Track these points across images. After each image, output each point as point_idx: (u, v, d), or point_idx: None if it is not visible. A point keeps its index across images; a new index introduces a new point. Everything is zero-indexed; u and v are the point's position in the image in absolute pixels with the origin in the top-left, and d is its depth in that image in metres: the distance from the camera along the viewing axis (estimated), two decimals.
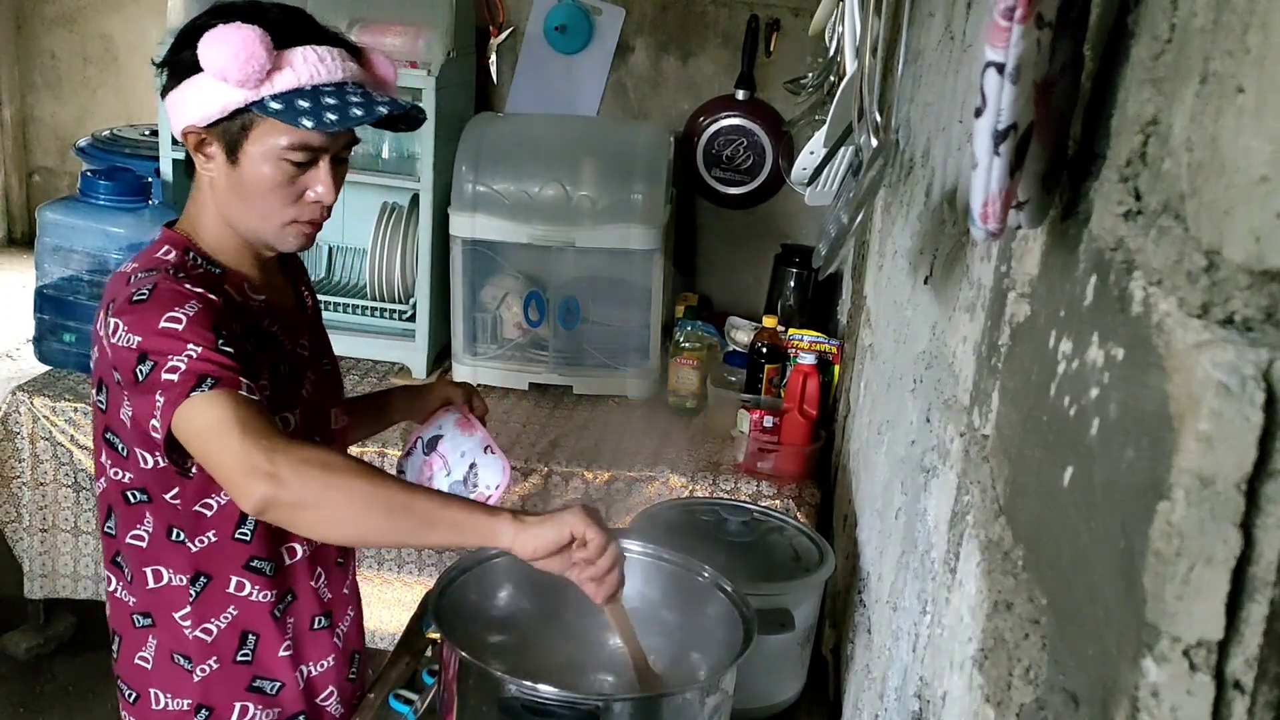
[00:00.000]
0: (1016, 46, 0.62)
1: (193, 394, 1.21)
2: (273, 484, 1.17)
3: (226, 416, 1.20)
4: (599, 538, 1.23)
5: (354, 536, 1.32)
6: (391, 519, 1.21)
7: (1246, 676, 0.48)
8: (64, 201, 2.95)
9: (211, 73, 1.29)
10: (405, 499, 1.21)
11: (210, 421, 1.21)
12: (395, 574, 2.70)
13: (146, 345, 1.25)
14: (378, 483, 1.21)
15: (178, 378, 1.22)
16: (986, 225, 0.68)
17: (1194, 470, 0.47)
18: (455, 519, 1.22)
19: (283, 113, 1.30)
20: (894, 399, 1.60)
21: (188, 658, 1.44)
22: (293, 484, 1.18)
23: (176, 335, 1.25)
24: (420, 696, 1.62)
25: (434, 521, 1.22)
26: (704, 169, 3.34)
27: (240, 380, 1.24)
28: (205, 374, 1.22)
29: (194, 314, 1.27)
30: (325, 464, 1.20)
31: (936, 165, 1.44)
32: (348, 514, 1.21)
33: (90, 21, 5.85)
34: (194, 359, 1.23)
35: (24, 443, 2.71)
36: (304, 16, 1.37)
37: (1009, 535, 0.78)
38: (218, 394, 1.21)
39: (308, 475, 1.18)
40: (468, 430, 1.71)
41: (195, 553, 1.40)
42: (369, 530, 1.26)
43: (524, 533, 1.21)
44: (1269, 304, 0.47)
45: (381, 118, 1.36)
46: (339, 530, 1.26)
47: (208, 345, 1.25)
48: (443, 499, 1.26)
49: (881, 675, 1.37)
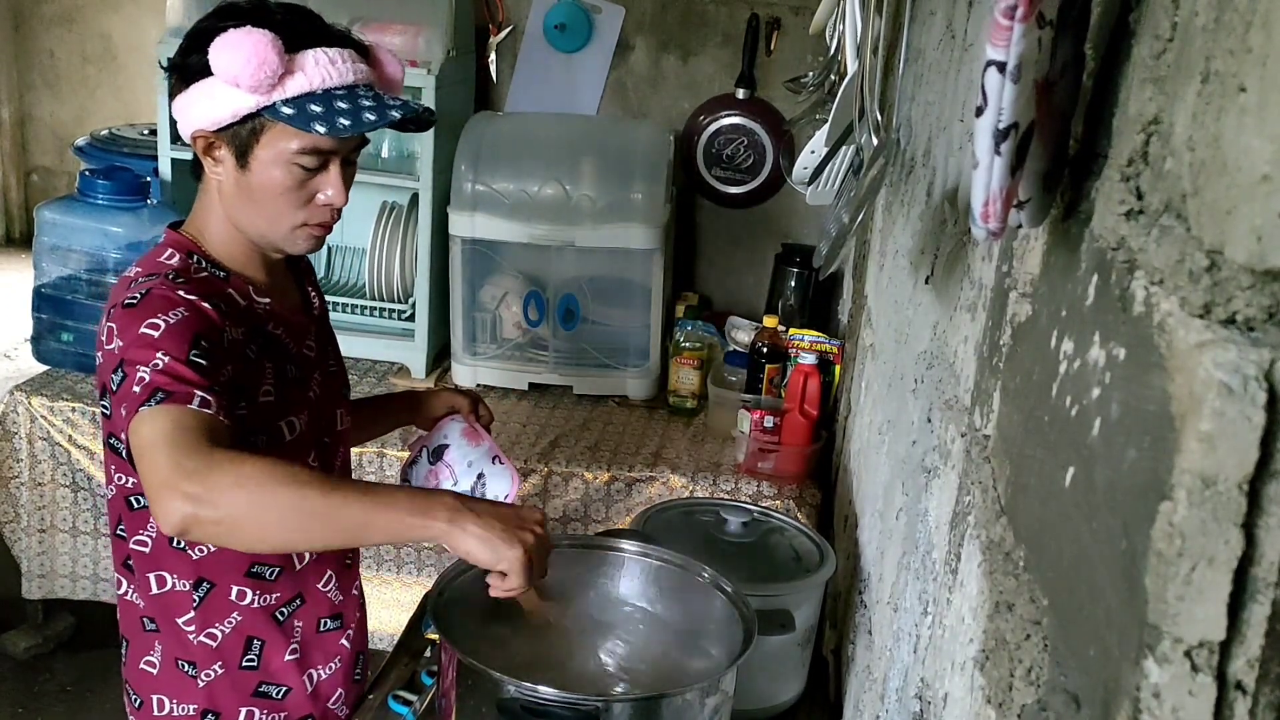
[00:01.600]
0: (1018, 45, 0.62)
1: (141, 408, 1.19)
2: (191, 503, 1.13)
3: (161, 432, 1.17)
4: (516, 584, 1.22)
5: (282, 546, 1.30)
6: (321, 528, 1.18)
7: (1248, 677, 0.47)
8: (62, 201, 2.95)
9: (223, 78, 1.28)
10: (333, 506, 1.16)
11: (147, 437, 1.18)
12: (394, 574, 2.70)
13: (123, 353, 1.24)
14: (304, 491, 1.15)
15: (140, 389, 1.20)
16: (988, 225, 0.68)
17: (1196, 470, 0.47)
18: (387, 522, 1.18)
19: (295, 118, 1.29)
20: (895, 399, 1.60)
21: (192, 663, 1.43)
22: (213, 502, 1.13)
23: (150, 343, 1.23)
24: (419, 697, 1.62)
25: (366, 526, 1.19)
26: (704, 168, 3.34)
27: (194, 394, 1.20)
28: (159, 387, 1.20)
29: (175, 321, 1.25)
30: (247, 476, 1.15)
31: (937, 164, 1.44)
32: (273, 529, 1.17)
33: (89, 21, 5.85)
34: (157, 370, 1.21)
35: (22, 442, 2.70)
36: (312, 16, 1.36)
37: (1010, 536, 0.78)
38: (163, 409, 1.18)
39: (228, 491, 1.14)
40: (474, 440, 1.70)
41: (197, 560, 1.40)
42: (298, 541, 1.24)
43: (458, 539, 1.19)
44: (1271, 304, 0.47)
45: (396, 120, 1.35)
46: (266, 544, 1.24)
47: (176, 356, 1.22)
48: (374, 499, 1.20)
49: (882, 676, 1.37)
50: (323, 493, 1.16)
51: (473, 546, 1.19)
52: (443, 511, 1.19)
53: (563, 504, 2.58)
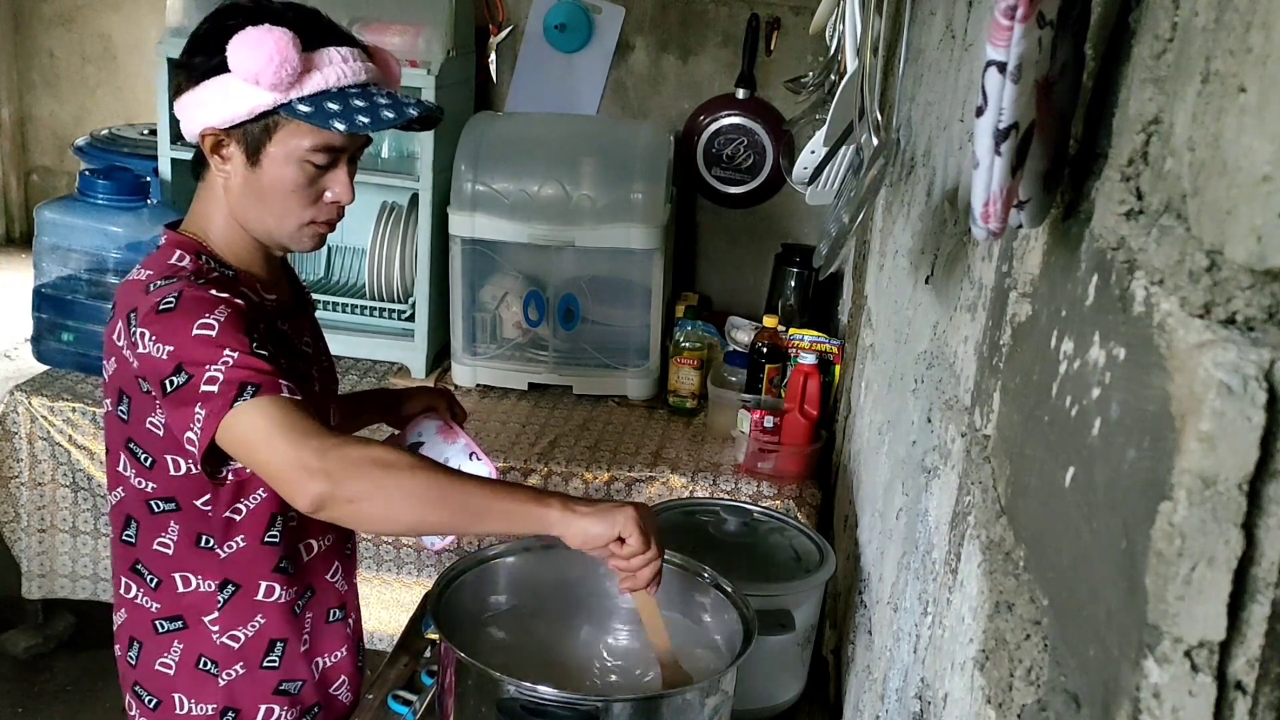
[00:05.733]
0: (1018, 45, 0.62)
1: (235, 404, 1.22)
2: (327, 482, 1.20)
3: (273, 422, 1.22)
4: (638, 543, 1.26)
5: (407, 528, 1.35)
6: (444, 511, 1.24)
7: (1248, 677, 0.47)
8: (62, 201, 2.95)
9: (242, 75, 1.28)
10: (456, 491, 1.24)
11: (258, 428, 1.22)
12: (394, 574, 2.70)
13: (181, 355, 1.25)
14: (429, 476, 1.24)
15: (218, 388, 1.23)
16: (988, 225, 0.68)
17: (1196, 470, 0.47)
18: (506, 509, 1.25)
19: (313, 115, 1.30)
20: (895, 399, 1.60)
21: (214, 662, 1.44)
22: (346, 481, 1.20)
23: (211, 343, 1.25)
24: (419, 697, 1.62)
25: (484, 512, 1.25)
26: (704, 168, 3.34)
27: (280, 383, 1.25)
28: (246, 381, 1.23)
29: (224, 319, 1.27)
30: (375, 459, 1.22)
31: (937, 164, 1.44)
32: (402, 508, 1.23)
33: (89, 21, 5.85)
34: (231, 366, 1.24)
35: (22, 442, 2.70)
36: (320, 16, 1.36)
37: (1010, 536, 0.78)
38: (260, 401, 1.23)
39: (360, 471, 1.21)
40: (450, 438, 1.71)
41: (224, 559, 1.40)
42: (421, 522, 1.29)
43: (574, 524, 1.25)
44: (1271, 304, 0.47)
45: (411, 119, 1.36)
46: (393, 524, 1.33)
47: (243, 350, 1.25)
48: (492, 489, 1.28)
49: (882, 676, 1.37)
50: (449, 478, 1.26)
51: (587, 524, 1.25)
52: (556, 501, 1.26)
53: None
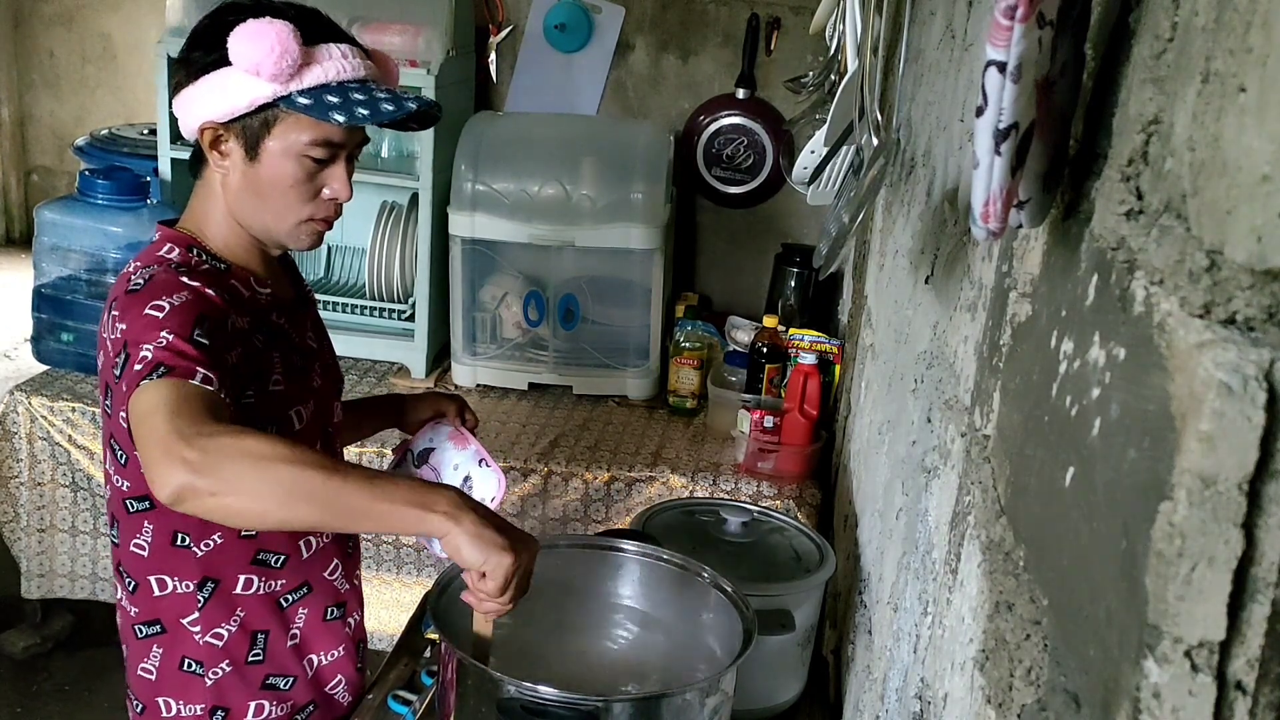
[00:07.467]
0: (1018, 45, 0.62)
1: (143, 382, 1.18)
2: (189, 471, 1.11)
3: (161, 401, 1.15)
4: (494, 589, 1.18)
5: (276, 525, 1.25)
6: (316, 509, 1.15)
7: (1248, 677, 0.47)
8: (62, 201, 2.95)
9: (243, 67, 1.29)
10: (333, 488, 1.14)
11: (146, 405, 1.16)
12: (394, 574, 2.70)
13: (127, 334, 1.24)
14: (303, 471, 1.13)
15: (141, 366, 1.20)
16: (988, 225, 0.68)
17: (1196, 470, 0.47)
18: (384, 511, 1.16)
19: (312, 108, 1.30)
20: (895, 399, 1.60)
21: (199, 662, 1.43)
22: (210, 471, 1.11)
23: (154, 324, 1.23)
24: (419, 697, 1.62)
25: (361, 513, 1.16)
26: (704, 168, 3.34)
27: (196, 370, 1.19)
28: (161, 362, 1.19)
29: (179, 304, 1.26)
30: (246, 450, 1.13)
31: (937, 164, 1.44)
32: (269, 504, 1.14)
33: (89, 20, 5.86)
34: (160, 348, 1.20)
35: (21, 442, 2.70)
36: (320, 15, 1.38)
37: (1010, 536, 0.78)
38: (164, 381, 1.17)
39: (227, 462, 1.12)
40: (461, 444, 1.70)
41: (202, 557, 1.40)
42: (291, 519, 1.19)
43: (452, 535, 1.16)
44: (1271, 304, 0.47)
45: (410, 113, 1.36)
46: (259, 520, 1.20)
47: (179, 335, 1.22)
48: (378, 487, 1.17)
49: (882, 676, 1.37)
50: (325, 474, 1.14)
51: (463, 543, 1.16)
52: (443, 504, 1.17)
53: (562, 504, 2.58)
